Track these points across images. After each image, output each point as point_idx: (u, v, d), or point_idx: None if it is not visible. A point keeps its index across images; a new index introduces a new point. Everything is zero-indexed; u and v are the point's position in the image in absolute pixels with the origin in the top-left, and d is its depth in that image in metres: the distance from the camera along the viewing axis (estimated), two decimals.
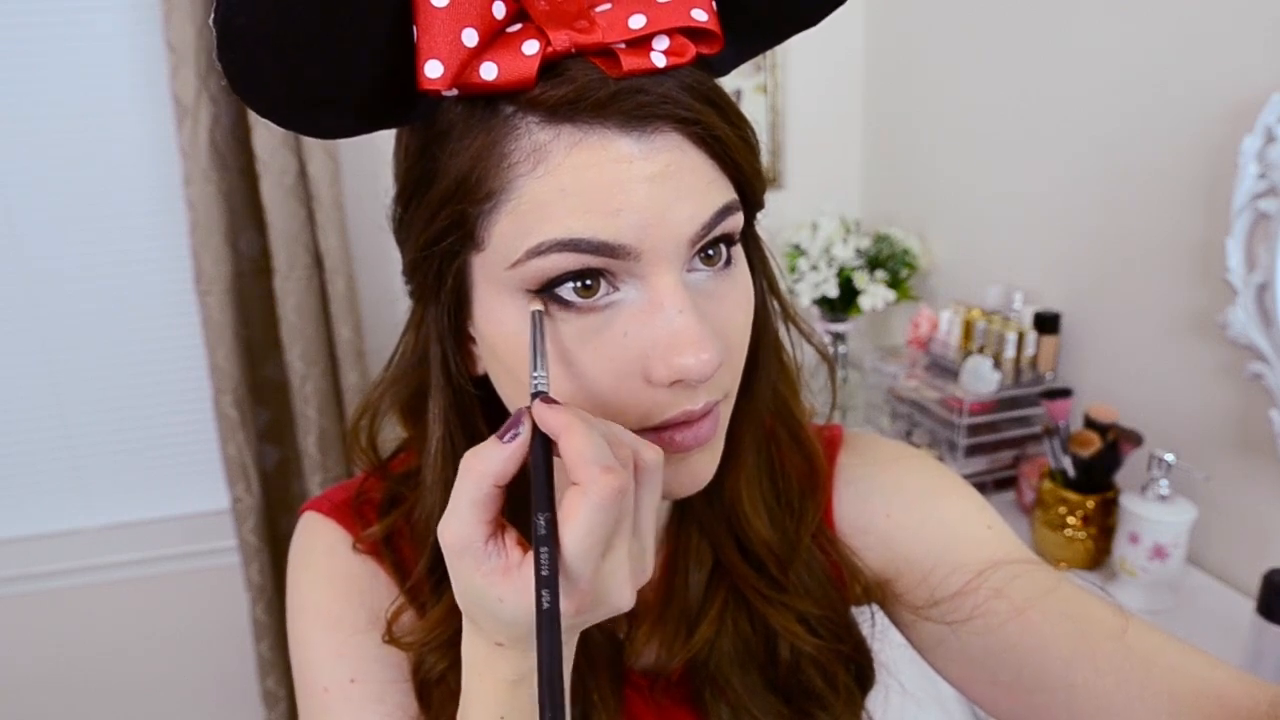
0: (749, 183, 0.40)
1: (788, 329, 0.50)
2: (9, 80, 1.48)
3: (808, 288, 1.65)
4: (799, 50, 1.77)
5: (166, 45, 1.38)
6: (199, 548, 1.76)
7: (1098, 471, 1.11)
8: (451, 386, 0.44)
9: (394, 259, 1.82)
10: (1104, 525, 1.10)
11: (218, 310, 1.50)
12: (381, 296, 1.70)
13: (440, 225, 0.39)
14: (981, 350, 1.34)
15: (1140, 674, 0.42)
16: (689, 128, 0.36)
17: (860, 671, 0.55)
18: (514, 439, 0.34)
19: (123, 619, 1.79)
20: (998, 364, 1.30)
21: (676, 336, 0.36)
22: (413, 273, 0.43)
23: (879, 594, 0.53)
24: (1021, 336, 1.31)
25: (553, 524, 0.32)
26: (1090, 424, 1.11)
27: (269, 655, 1.68)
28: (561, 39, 0.34)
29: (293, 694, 1.72)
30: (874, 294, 1.62)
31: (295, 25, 0.33)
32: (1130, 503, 1.03)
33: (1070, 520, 1.11)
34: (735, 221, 0.39)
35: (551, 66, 0.35)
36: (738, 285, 0.41)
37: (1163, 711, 0.41)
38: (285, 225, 1.49)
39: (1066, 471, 1.12)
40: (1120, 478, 1.12)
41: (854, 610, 0.55)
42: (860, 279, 1.63)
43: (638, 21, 0.35)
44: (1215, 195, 1.02)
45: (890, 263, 1.64)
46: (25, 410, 1.64)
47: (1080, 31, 1.23)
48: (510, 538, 0.34)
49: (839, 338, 1.76)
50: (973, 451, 1.31)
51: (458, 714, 0.39)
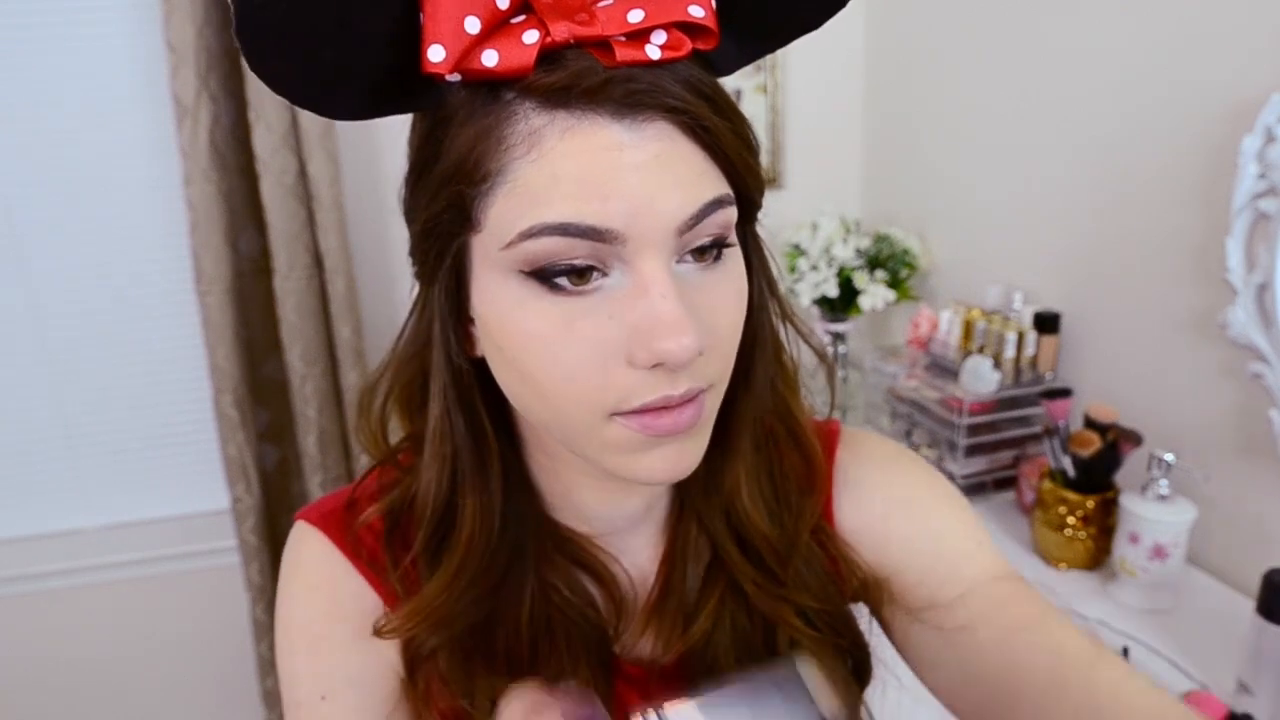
0: (743, 179, 0.41)
1: (785, 329, 0.51)
2: (9, 80, 1.48)
3: (808, 288, 1.65)
4: (799, 50, 1.76)
5: (166, 45, 1.38)
6: (199, 548, 1.76)
7: (1098, 471, 1.11)
8: (451, 366, 0.45)
9: (394, 259, 1.82)
10: (1104, 525, 1.10)
11: (218, 310, 1.50)
12: (381, 296, 1.70)
13: (440, 205, 0.40)
14: (981, 350, 1.34)
15: (1096, 710, 0.43)
16: (679, 118, 0.37)
17: (858, 666, 0.55)
18: None
19: (123, 619, 1.79)
20: (998, 364, 1.30)
21: (659, 321, 0.37)
22: (416, 252, 0.44)
23: (876, 592, 0.54)
24: (1021, 336, 1.31)
25: None
26: (1090, 424, 1.11)
27: (269, 655, 1.68)
28: (561, 30, 0.35)
29: None
30: (874, 294, 1.62)
31: (310, 7, 0.34)
32: (1130, 503, 1.03)
33: (1070, 520, 1.11)
34: (727, 216, 0.40)
35: (551, 56, 0.36)
36: (729, 280, 0.42)
37: None
38: (285, 225, 1.49)
39: (1066, 471, 1.12)
40: (1120, 478, 1.12)
41: (851, 607, 0.56)
42: (860, 279, 1.63)
43: (636, 16, 0.36)
44: (1215, 195, 1.02)
45: (890, 263, 1.64)
46: (25, 410, 1.64)
47: (1080, 31, 1.23)
48: None
49: (839, 338, 1.76)
50: (973, 451, 1.31)
51: None
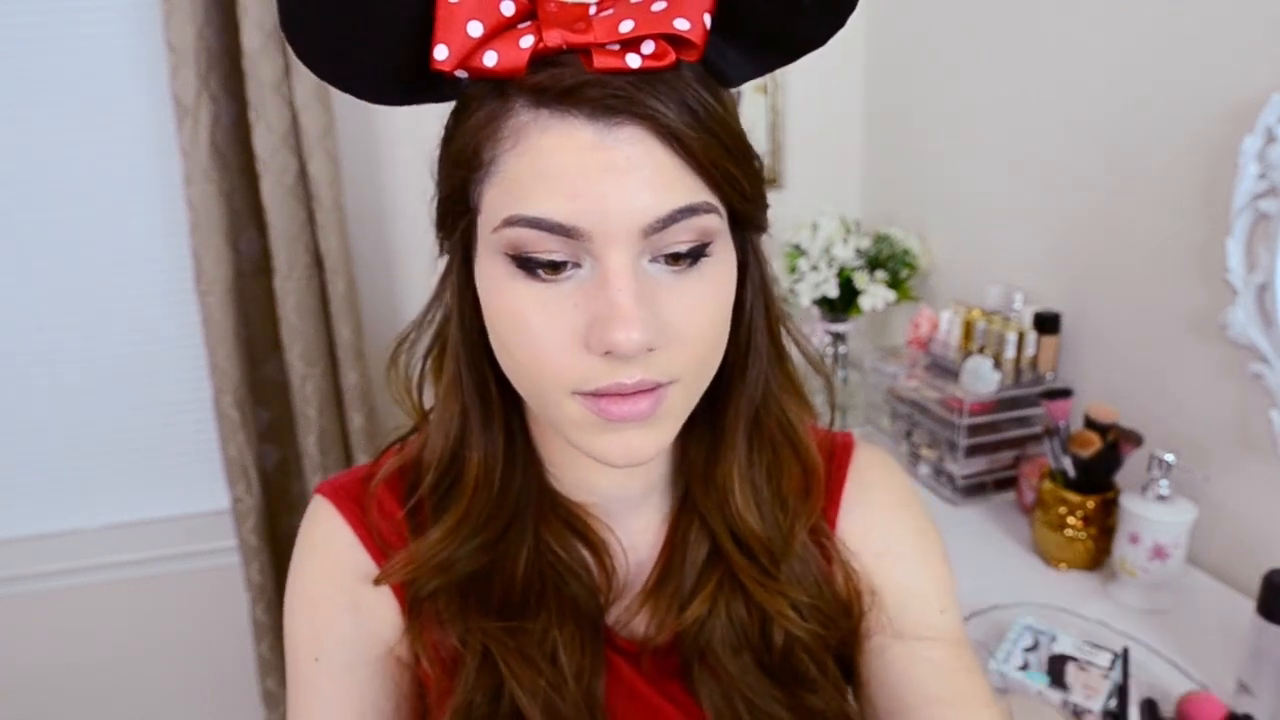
0: (727, 190, 0.42)
1: (777, 333, 0.53)
2: (9, 80, 1.48)
3: (808, 288, 1.65)
4: None
5: (166, 45, 1.37)
6: (199, 548, 1.76)
7: (1098, 472, 1.11)
8: (463, 330, 0.49)
9: (394, 259, 1.82)
10: (1104, 525, 1.10)
11: (218, 310, 1.49)
12: (381, 296, 1.70)
13: (450, 185, 0.44)
14: (981, 350, 1.34)
15: None
16: (653, 125, 0.39)
17: (845, 665, 0.57)
18: None
19: (123, 619, 1.79)
20: (998, 364, 1.30)
21: (612, 313, 0.39)
22: (437, 221, 0.48)
23: (858, 602, 0.56)
24: (1021, 336, 1.31)
25: None
26: (1090, 424, 1.11)
27: (269, 655, 1.68)
28: (554, 36, 0.39)
29: None
30: (874, 294, 1.62)
31: (341, 10, 0.39)
32: (1130, 503, 1.03)
33: (1070, 520, 1.11)
34: (705, 223, 0.42)
35: (547, 60, 0.39)
36: (707, 284, 0.43)
37: None
38: (285, 225, 1.49)
39: (1066, 472, 1.12)
40: (1120, 478, 1.12)
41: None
42: (860, 279, 1.63)
43: (626, 26, 0.38)
44: (1215, 195, 1.02)
45: (890, 263, 1.64)
46: (25, 410, 1.64)
47: (1080, 31, 1.23)
48: None
49: (839, 338, 1.76)
50: (973, 451, 1.31)
51: None
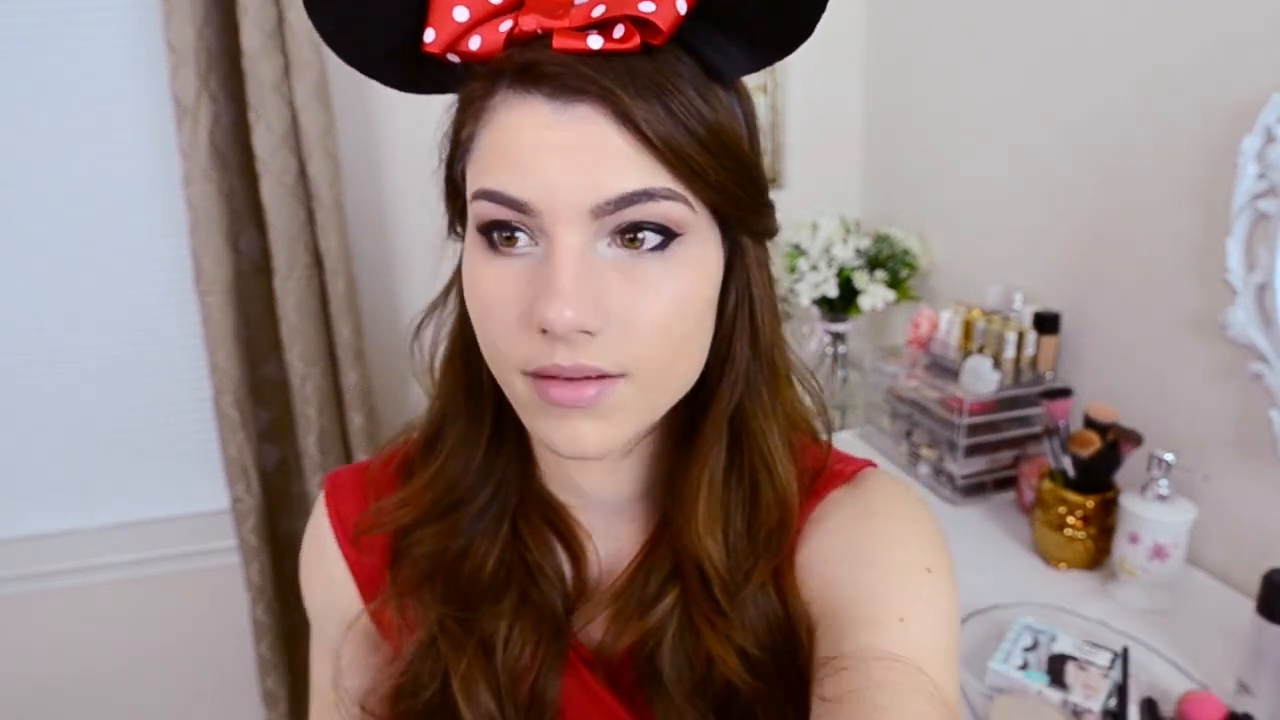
0: (700, 182, 0.41)
1: (765, 349, 0.49)
2: (9, 80, 1.48)
3: (808, 288, 1.65)
4: (799, 50, 1.77)
5: (166, 45, 1.37)
6: (199, 548, 1.76)
7: (1098, 471, 1.11)
8: (461, 310, 0.50)
9: (394, 259, 1.83)
10: (1104, 525, 1.10)
11: (218, 310, 1.49)
12: (381, 296, 1.70)
13: (447, 166, 0.46)
14: (981, 350, 1.34)
15: None
16: (609, 105, 0.39)
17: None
18: None
19: (123, 619, 1.79)
20: (998, 364, 1.30)
21: (549, 289, 0.39)
22: (443, 196, 0.49)
23: (809, 641, 0.50)
24: (1021, 336, 1.31)
25: None
26: (1090, 424, 1.11)
27: (269, 655, 1.68)
28: (528, 21, 0.40)
29: (292, 694, 1.73)
30: (874, 294, 1.62)
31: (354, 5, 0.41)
32: (1130, 503, 1.03)
33: (1070, 520, 1.11)
34: (664, 210, 0.41)
35: (525, 44, 0.40)
36: (668, 274, 0.42)
37: None
38: (285, 225, 1.49)
39: (1066, 471, 1.12)
40: (1120, 478, 1.12)
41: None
42: (860, 279, 1.63)
43: (598, 10, 0.39)
44: (1215, 195, 1.02)
45: (890, 263, 1.64)
46: (25, 410, 1.64)
47: (1080, 31, 1.23)
48: None
49: (839, 337, 1.76)
50: (973, 451, 1.31)
51: None
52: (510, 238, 0.42)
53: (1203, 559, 1.11)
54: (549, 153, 0.39)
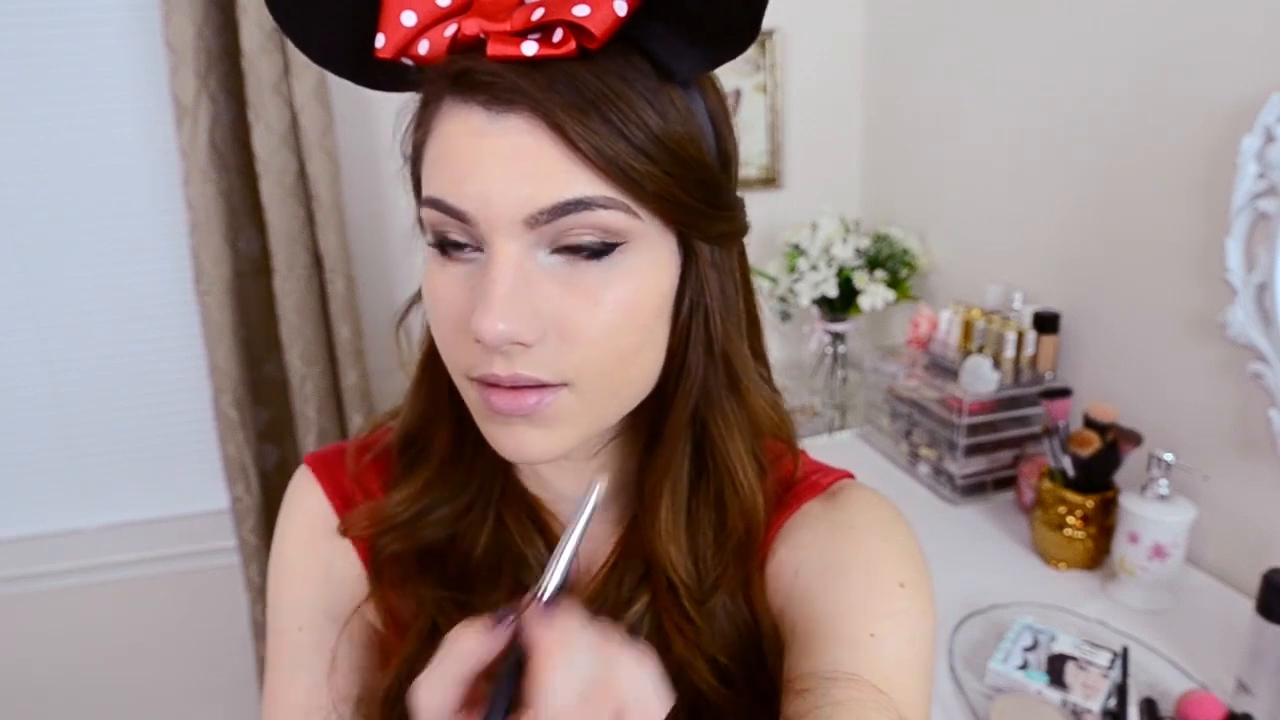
0: (641, 189, 0.40)
1: (724, 356, 0.47)
2: (8, 80, 1.48)
3: (807, 287, 1.65)
4: (799, 50, 1.77)
5: (166, 45, 1.38)
6: (199, 548, 1.76)
7: (1097, 471, 1.11)
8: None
9: (394, 259, 1.82)
10: (1103, 525, 1.10)
11: (218, 310, 1.49)
12: (381, 296, 1.70)
13: (410, 157, 0.46)
14: (981, 350, 1.34)
15: None
16: (542, 114, 0.38)
17: None
18: (502, 632, 0.34)
19: (123, 619, 1.79)
20: (997, 364, 1.30)
21: (484, 300, 0.39)
22: (411, 192, 0.49)
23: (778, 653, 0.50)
24: (1021, 336, 1.31)
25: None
26: (1090, 424, 1.11)
27: None
28: (470, 25, 0.40)
29: None
30: (874, 294, 1.62)
31: (308, 5, 0.42)
32: (1130, 502, 1.03)
33: (1070, 520, 1.11)
34: (603, 219, 0.40)
35: (473, 49, 0.40)
36: (608, 285, 0.41)
37: None
38: (285, 225, 1.49)
39: (1066, 471, 1.12)
40: (1120, 477, 1.12)
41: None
42: (860, 279, 1.63)
43: (538, 14, 0.38)
44: (1215, 195, 1.02)
45: (890, 262, 1.64)
46: (25, 410, 1.64)
47: (1080, 32, 1.23)
48: (477, 716, 0.35)
49: (838, 337, 1.76)
50: (972, 451, 1.31)
51: None
52: (459, 244, 0.42)
53: (1202, 559, 1.11)
54: (484, 162, 0.39)
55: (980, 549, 1.20)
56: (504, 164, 0.39)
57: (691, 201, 0.42)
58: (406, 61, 0.42)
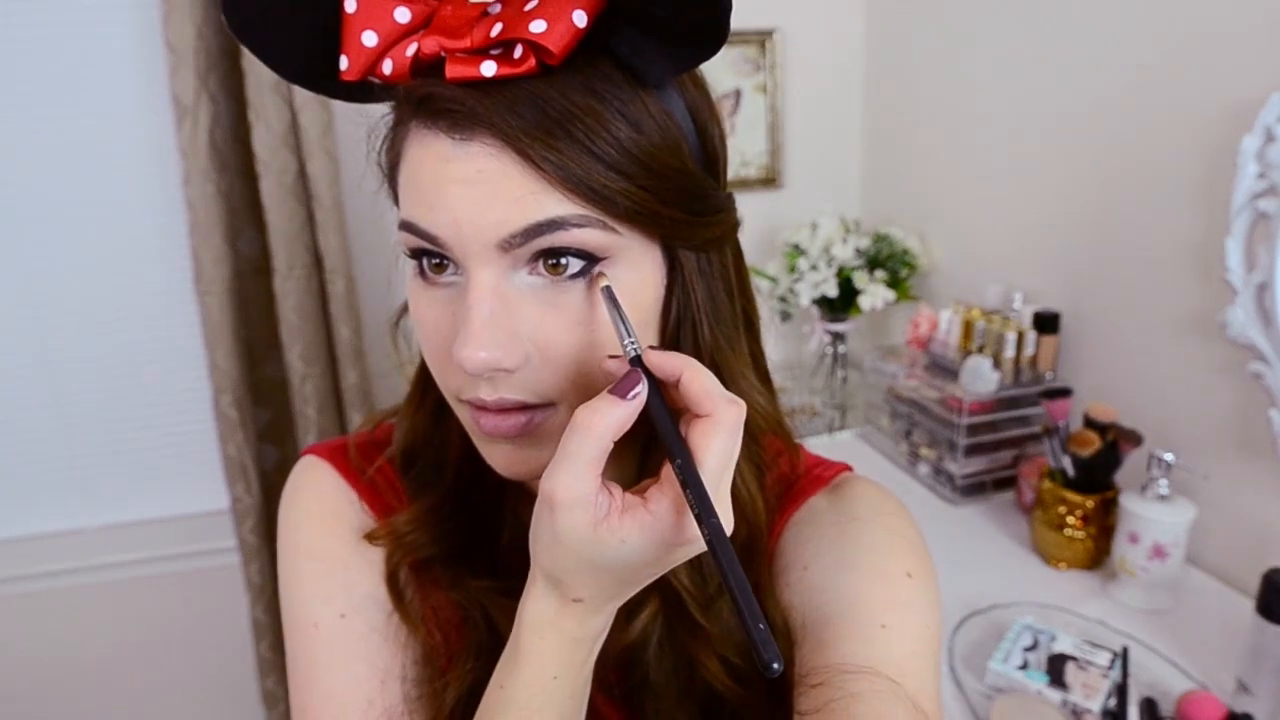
0: (616, 204, 0.39)
1: (718, 364, 0.47)
2: (8, 80, 1.48)
3: (807, 287, 1.65)
4: (799, 50, 1.77)
5: (166, 45, 1.38)
6: (199, 548, 1.76)
7: (1097, 471, 1.11)
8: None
9: (394, 259, 1.83)
10: (1104, 525, 1.10)
11: (218, 310, 1.50)
12: (381, 296, 1.70)
13: (387, 170, 0.46)
14: (981, 350, 1.34)
15: None
16: (503, 136, 0.38)
17: None
18: (635, 397, 0.36)
19: (123, 619, 1.79)
20: (997, 364, 1.30)
21: (464, 328, 0.39)
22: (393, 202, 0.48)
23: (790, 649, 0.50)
24: (1021, 336, 1.31)
25: (689, 459, 0.35)
26: (1090, 423, 1.11)
27: (269, 655, 1.68)
28: (429, 44, 0.38)
29: None
30: (874, 294, 1.62)
31: (266, 20, 0.40)
32: (1130, 502, 1.03)
33: (1070, 520, 1.11)
34: (583, 238, 0.39)
35: (434, 68, 0.39)
36: (588, 301, 0.41)
37: None
38: (285, 225, 1.49)
39: (1066, 471, 1.12)
40: (1120, 477, 1.12)
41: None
42: (860, 279, 1.63)
43: (497, 29, 0.37)
44: (1215, 195, 1.02)
45: (890, 262, 1.64)
46: (24, 410, 1.64)
47: (1079, 31, 1.23)
48: (612, 484, 0.36)
49: (839, 337, 1.76)
50: (972, 451, 1.31)
51: (500, 673, 0.41)
52: (439, 265, 0.42)
53: (1202, 559, 1.11)
54: (452, 189, 0.39)
55: (980, 549, 1.20)
56: (470, 190, 0.38)
57: (671, 213, 0.41)
58: (373, 80, 0.41)
